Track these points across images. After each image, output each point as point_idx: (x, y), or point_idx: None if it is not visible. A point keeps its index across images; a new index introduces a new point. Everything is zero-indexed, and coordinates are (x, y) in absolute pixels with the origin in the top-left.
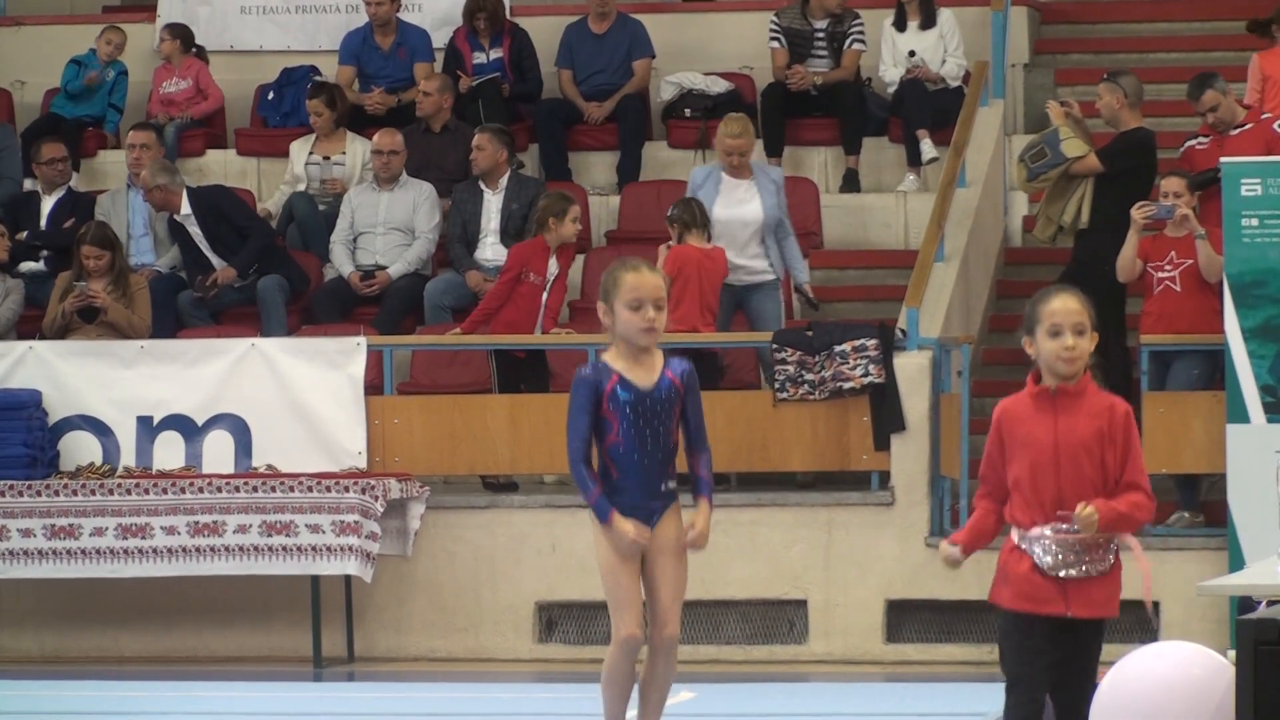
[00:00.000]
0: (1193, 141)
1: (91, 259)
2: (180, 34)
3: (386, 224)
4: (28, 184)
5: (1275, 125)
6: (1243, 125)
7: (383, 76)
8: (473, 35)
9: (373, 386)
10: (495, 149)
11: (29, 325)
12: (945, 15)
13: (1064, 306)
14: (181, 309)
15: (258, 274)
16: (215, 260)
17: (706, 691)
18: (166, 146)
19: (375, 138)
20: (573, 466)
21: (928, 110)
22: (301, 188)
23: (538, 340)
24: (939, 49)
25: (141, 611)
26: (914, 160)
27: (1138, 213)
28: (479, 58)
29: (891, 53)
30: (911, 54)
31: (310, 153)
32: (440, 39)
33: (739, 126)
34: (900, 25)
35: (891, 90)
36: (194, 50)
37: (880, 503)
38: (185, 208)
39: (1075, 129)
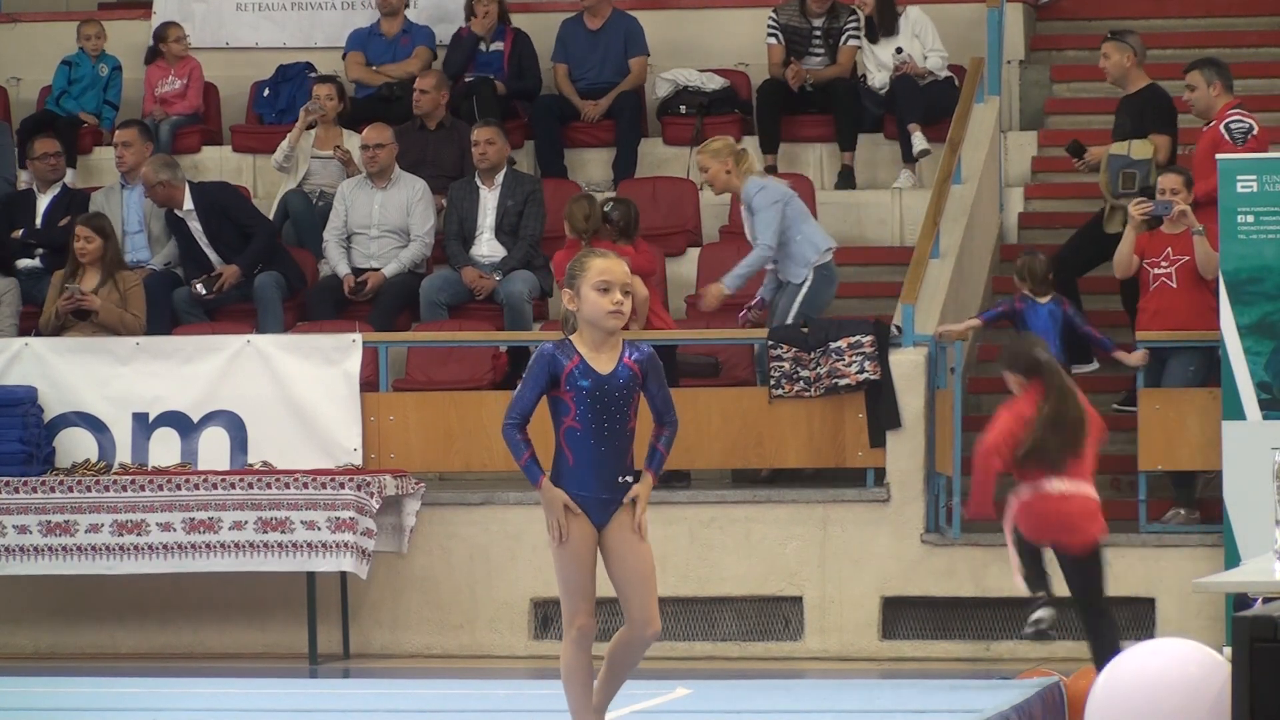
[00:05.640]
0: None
1: (82, 239)
2: (183, 31)
3: (380, 226)
4: (24, 181)
5: (1221, 126)
6: (1209, 123)
7: (386, 64)
8: (471, 27)
9: (368, 383)
10: (504, 143)
11: (26, 322)
12: (912, 15)
13: None
14: (177, 306)
15: (252, 273)
16: (214, 257)
17: (702, 688)
18: (160, 144)
19: (364, 132)
20: (506, 429)
21: (919, 104)
22: (301, 177)
23: (532, 336)
24: (914, 46)
25: (137, 608)
26: (909, 156)
27: (1135, 209)
28: (479, 48)
29: (874, 61)
30: (899, 50)
31: (312, 145)
32: (438, 34)
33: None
34: (872, 36)
35: (883, 92)
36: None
37: (875, 499)
38: (187, 203)
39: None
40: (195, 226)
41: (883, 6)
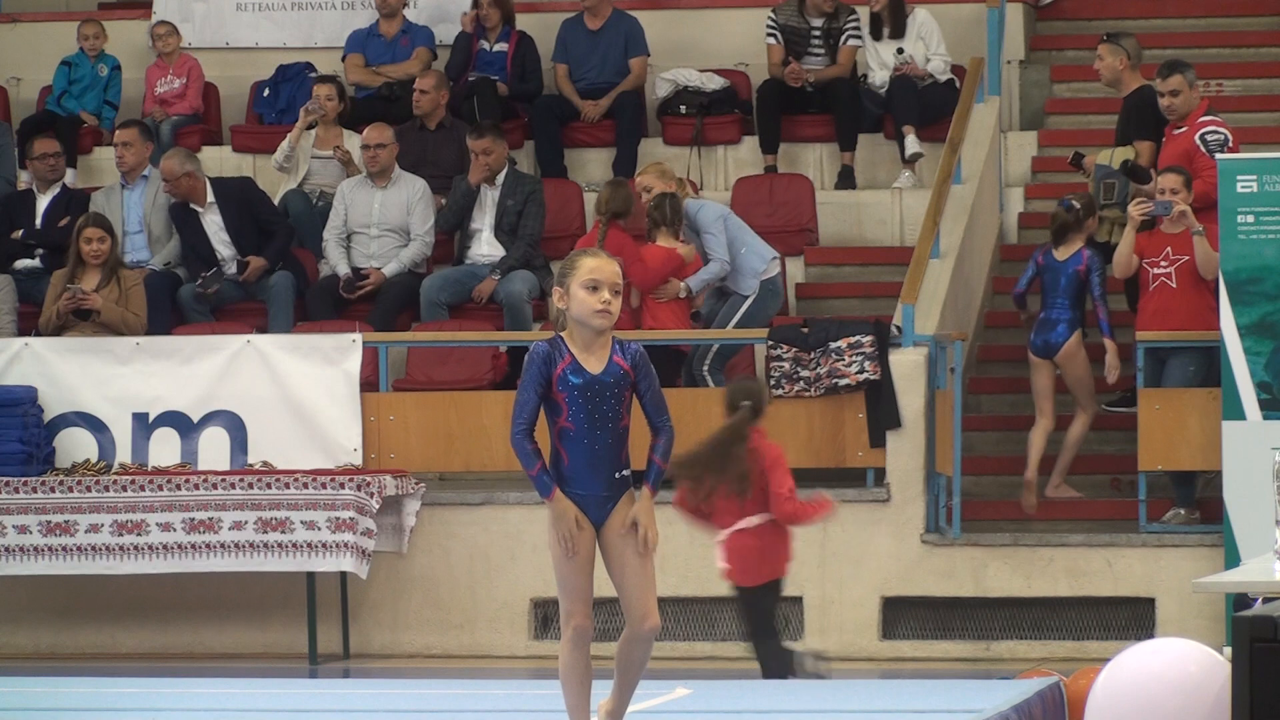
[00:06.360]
0: None
1: (94, 241)
2: (177, 31)
3: (380, 225)
4: (24, 181)
5: (1196, 137)
6: (1181, 127)
7: (385, 65)
8: (479, 24)
9: (368, 383)
10: (502, 148)
11: (25, 322)
12: (920, 17)
13: None
14: (183, 303)
15: (267, 271)
16: (227, 253)
17: (702, 688)
18: (160, 143)
19: (365, 132)
20: (514, 439)
21: (914, 107)
22: (302, 178)
23: (532, 335)
24: (919, 48)
25: (137, 608)
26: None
27: (1135, 209)
28: (483, 46)
29: (877, 59)
30: (900, 51)
31: (312, 145)
32: (438, 34)
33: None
34: (876, 34)
35: (884, 90)
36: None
37: (875, 499)
38: (209, 197)
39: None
40: (214, 220)
41: (894, 7)
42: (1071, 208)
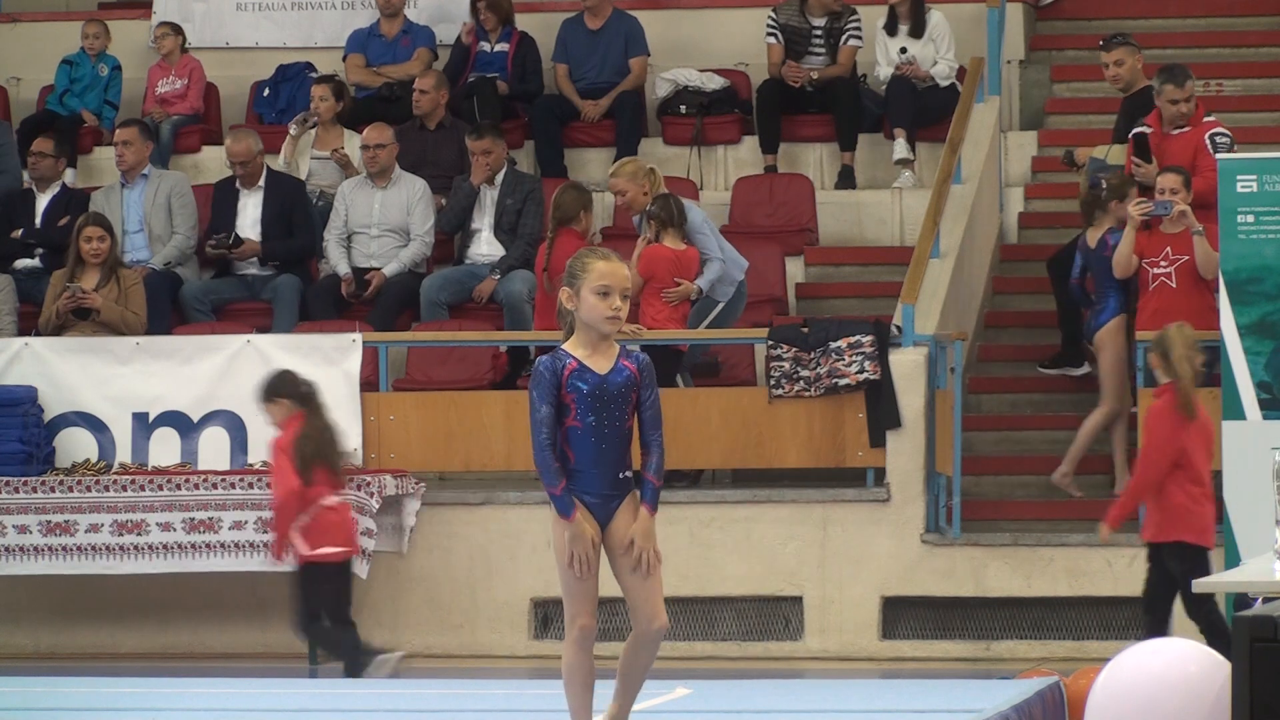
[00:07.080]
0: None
1: (94, 240)
2: (179, 31)
3: (381, 225)
4: (24, 180)
5: (1205, 136)
6: (1182, 128)
7: (386, 65)
8: (479, 26)
9: (368, 383)
10: (501, 149)
11: (25, 322)
12: (935, 18)
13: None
14: (186, 302)
15: (276, 271)
16: (251, 239)
17: (702, 688)
18: (161, 143)
19: (364, 132)
20: (539, 455)
21: (908, 109)
22: (302, 179)
23: (532, 335)
24: (929, 50)
25: (137, 608)
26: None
27: (1135, 209)
28: (484, 47)
29: (885, 55)
30: (903, 50)
31: (312, 145)
32: (438, 34)
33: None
34: (891, 29)
35: (886, 86)
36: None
37: (876, 499)
38: (261, 180)
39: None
40: (253, 204)
41: (914, 5)
42: (1098, 184)
